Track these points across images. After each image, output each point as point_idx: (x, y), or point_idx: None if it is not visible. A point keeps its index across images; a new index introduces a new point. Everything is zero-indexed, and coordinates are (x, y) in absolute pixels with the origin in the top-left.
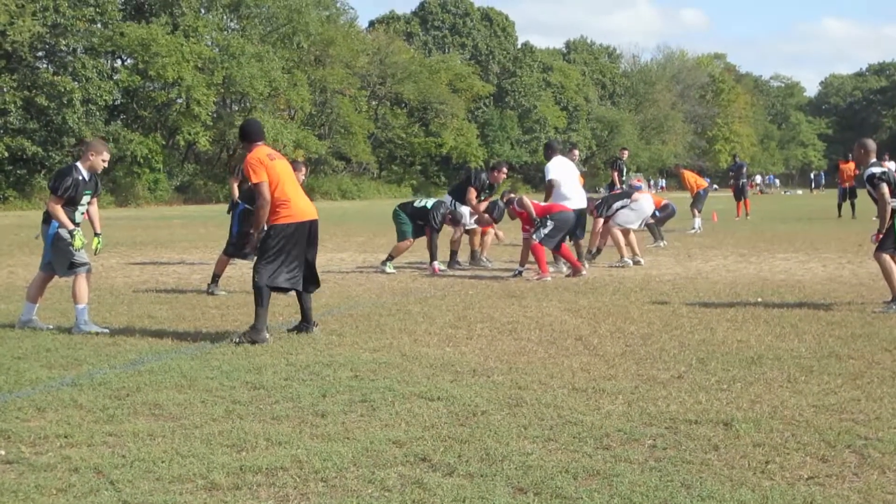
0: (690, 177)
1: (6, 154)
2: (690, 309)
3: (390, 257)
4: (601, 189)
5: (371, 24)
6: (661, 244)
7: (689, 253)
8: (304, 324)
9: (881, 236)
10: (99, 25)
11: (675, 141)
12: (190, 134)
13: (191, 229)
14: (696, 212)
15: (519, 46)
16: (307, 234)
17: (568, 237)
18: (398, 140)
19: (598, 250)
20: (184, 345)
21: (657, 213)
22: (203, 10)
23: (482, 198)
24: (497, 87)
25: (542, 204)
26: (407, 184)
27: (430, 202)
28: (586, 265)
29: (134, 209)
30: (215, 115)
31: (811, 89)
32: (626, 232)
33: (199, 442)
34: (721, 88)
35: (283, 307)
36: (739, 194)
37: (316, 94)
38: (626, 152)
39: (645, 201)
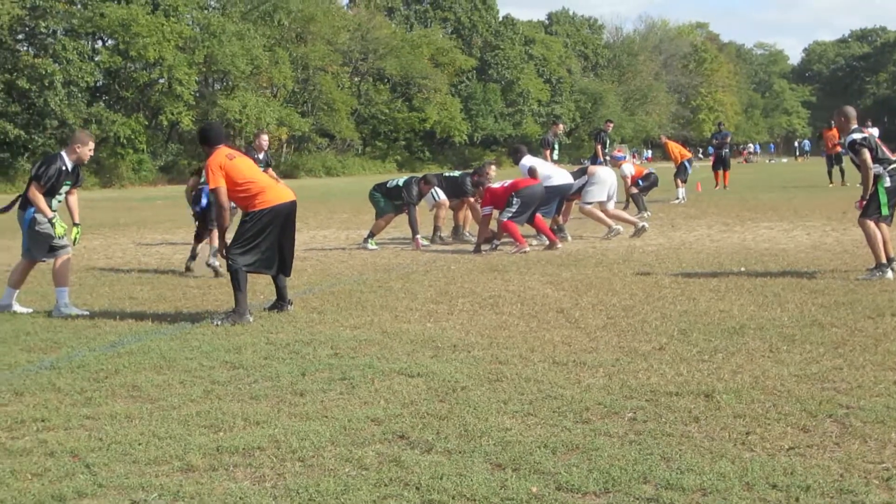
0: (675, 147)
1: None
2: (673, 280)
3: (371, 234)
4: (585, 161)
5: None
6: (646, 215)
7: (672, 223)
8: (280, 302)
9: (864, 203)
10: (79, 6)
11: (658, 111)
12: (173, 114)
13: (174, 209)
14: (679, 182)
15: (500, 19)
16: (285, 216)
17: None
18: (381, 116)
19: (560, 227)
20: (164, 325)
21: (640, 183)
22: None
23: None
24: (480, 61)
25: (506, 184)
26: (391, 159)
27: (401, 181)
28: (569, 238)
29: (118, 190)
30: (198, 95)
31: (794, 57)
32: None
33: (176, 423)
34: (704, 58)
35: (264, 286)
36: (719, 164)
37: (298, 71)
38: (610, 125)
39: (602, 171)
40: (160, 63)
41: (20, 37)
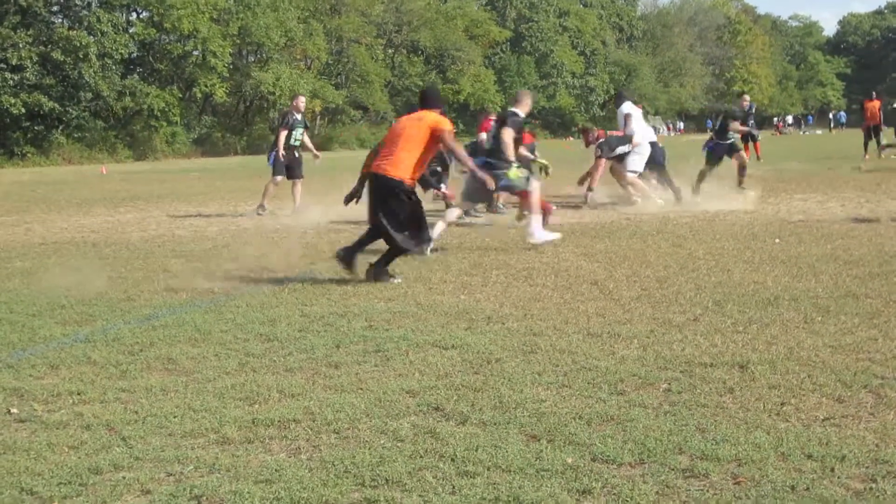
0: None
1: (23, 110)
2: (707, 251)
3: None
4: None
5: None
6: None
7: (707, 195)
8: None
9: None
10: None
11: (692, 83)
12: (206, 86)
13: (208, 182)
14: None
15: None
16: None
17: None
18: (415, 88)
19: (590, 189)
20: (198, 298)
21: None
22: None
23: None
24: (514, 33)
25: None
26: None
27: None
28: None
29: (151, 162)
30: (232, 67)
31: (829, 28)
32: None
33: (211, 396)
34: (738, 30)
35: (299, 257)
36: (747, 136)
37: (332, 43)
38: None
39: (646, 145)
40: (194, 35)
41: (55, 9)
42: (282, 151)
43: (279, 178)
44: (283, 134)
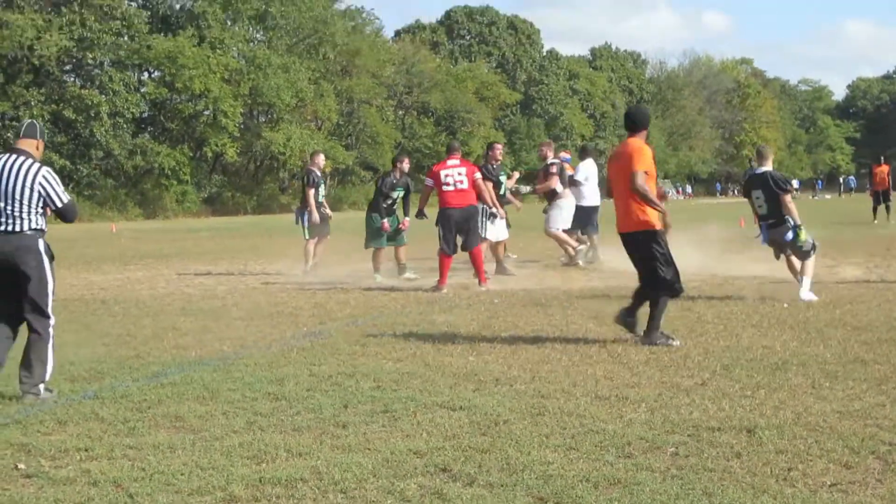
0: None
1: None
2: (716, 314)
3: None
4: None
5: (397, 33)
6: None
7: (716, 258)
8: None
9: None
10: (126, 38)
11: (702, 147)
12: (217, 145)
13: (218, 241)
14: None
15: (544, 54)
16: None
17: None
18: (425, 149)
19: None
20: (207, 357)
21: None
22: (229, 23)
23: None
24: (524, 95)
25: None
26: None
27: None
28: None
29: (162, 221)
30: (242, 127)
31: (838, 93)
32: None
33: (219, 454)
34: (747, 94)
35: (308, 316)
36: None
37: (342, 104)
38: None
39: (567, 198)
40: (205, 95)
41: (67, 68)
42: (315, 214)
43: (315, 239)
44: (312, 193)
